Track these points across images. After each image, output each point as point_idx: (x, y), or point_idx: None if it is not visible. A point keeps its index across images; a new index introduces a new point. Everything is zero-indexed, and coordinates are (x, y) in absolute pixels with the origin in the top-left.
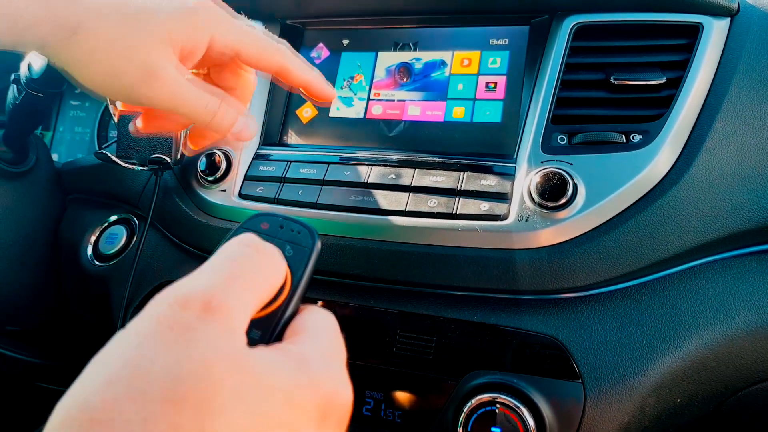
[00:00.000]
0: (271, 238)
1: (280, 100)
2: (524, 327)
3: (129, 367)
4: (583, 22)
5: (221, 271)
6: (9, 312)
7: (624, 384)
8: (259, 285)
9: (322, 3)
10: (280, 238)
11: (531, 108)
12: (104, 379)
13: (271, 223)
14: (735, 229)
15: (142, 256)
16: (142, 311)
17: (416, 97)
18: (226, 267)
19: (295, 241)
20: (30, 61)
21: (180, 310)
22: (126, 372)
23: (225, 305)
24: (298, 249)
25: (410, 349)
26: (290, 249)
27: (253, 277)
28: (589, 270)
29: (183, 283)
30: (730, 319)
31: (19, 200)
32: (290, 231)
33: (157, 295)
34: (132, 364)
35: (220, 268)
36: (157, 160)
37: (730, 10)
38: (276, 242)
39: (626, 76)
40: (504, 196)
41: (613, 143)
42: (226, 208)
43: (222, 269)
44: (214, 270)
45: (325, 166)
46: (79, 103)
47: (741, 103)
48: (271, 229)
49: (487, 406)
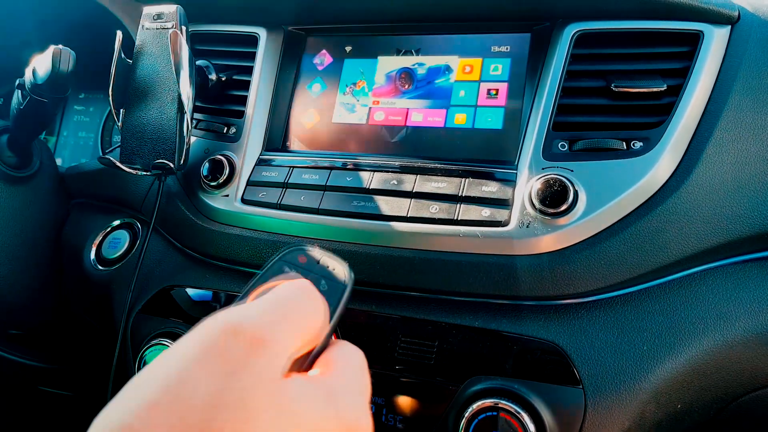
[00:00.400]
0: (307, 273)
1: (283, 106)
2: (525, 333)
3: (172, 392)
4: (585, 29)
5: (274, 308)
6: (12, 315)
7: (624, 390)
8: (305, 327)
9: (325, 10)
10: (317, 273)
11: (532, 115)
12: (145, 401)
13: (309, 258)
14: (735, 235)
15: (144, 260)
16: (192, 332)
17: (418, 103)
18: (280, 306)
19: (330, 276)
20: (35, 67)
21: (231, 339)
22: (168, 397)
23: (273, 342)
24: (332, 285)
25: (412, 354)
26: (325, 284)
27: (300, 319)
28: (589, 276)
29: (235, 312)
30: (730, 325)
31: (23, 204)
32: (326, 267)
33: (209, 319)
34: (175, 389)
35: (274, 306)
36: (161, 166)
37: (731, 18)
38: (312, 277)
39: (627, 83)
40: (505, 203)
41: (614, 150)
42: (229, 213)
43: (275, 307)
44: (267, 306)
45: (327, 172)
46: (83, 108)
47: (741, 111)
48: (308, 264)
49: (488, 412)
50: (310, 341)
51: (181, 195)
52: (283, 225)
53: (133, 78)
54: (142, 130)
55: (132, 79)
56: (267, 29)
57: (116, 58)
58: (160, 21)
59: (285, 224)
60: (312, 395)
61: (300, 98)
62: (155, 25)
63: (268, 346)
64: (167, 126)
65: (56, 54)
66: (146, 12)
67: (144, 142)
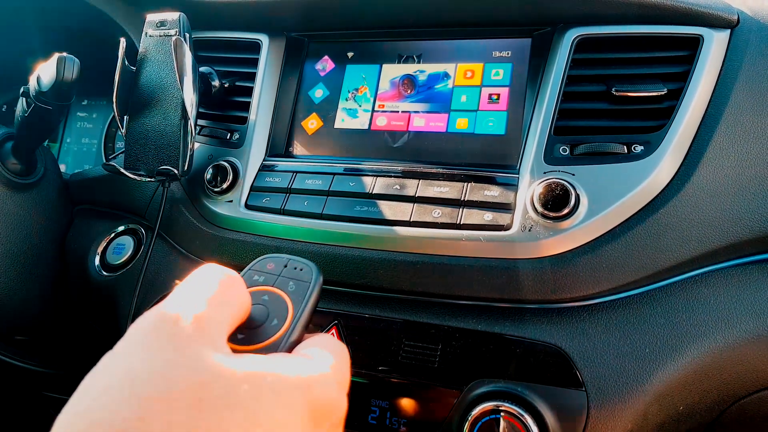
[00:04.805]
0: (275, 277)
1: (285, 112)
2: (528, 336)
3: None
4: (585, 34)
5: (187, 291)
6: (17, 321)
7: (627, 392)
8: (223, 296)
9: (327, 17)
10: (285, 276)
11: (533, 119)
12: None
13: (276, 263)
14: (736, 238)
15: (149, 266)
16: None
17: (420, 108)
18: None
19: (298, 277)
20: (39, 74)
21: (161, 324)
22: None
23: (201, 316)
24: (300, 284)
25: (415, 357)
26: (293, 285)
27: (217, 294)
28: (591, 279)
29: (154, 307)
30: (731, 327)
31: (28, 211)
32: (294, 269)
33: (136, 321)
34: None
35: (186, 290)
36: (165, 172)
37: (730, 23)
38: (280, 280)
39: (627, 87)
40: (507, 207)
41: (615, 154)
42: (233, 219)
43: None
44: (181, 291)
45: (330, 177)
46: (86, 115)
47: (741, 114)
48: (276, 269)
49: (492, 414)
50: (239, 309)
51: (185, 201)
52: (286, 230)
53: (137, 85)
54: (146, 137)
55: (136, 86)
56: (269, 36)
57: (120, 65)
58: (163, 28)
59: (289, 229)
60: (271, 364)
61: (302, 104)
62: (158, 33)
63: (199, 320)
64: (171, 132)
65: (60, 62)
66: (149, 19)
67: (148, 148)
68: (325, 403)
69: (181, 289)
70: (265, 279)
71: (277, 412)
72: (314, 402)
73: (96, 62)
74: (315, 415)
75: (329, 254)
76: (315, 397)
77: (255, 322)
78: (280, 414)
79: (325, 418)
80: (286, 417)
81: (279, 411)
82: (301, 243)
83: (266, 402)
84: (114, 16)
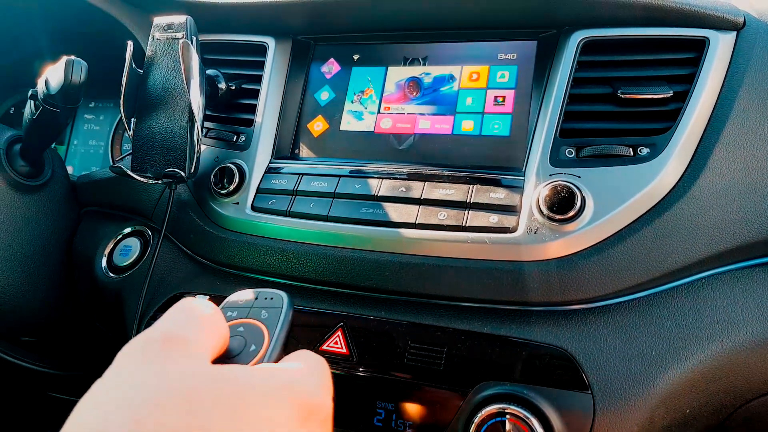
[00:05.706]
0: (248, 309)
1: (291, 114)
2: (533, 338)
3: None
4: (591, 37)
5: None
6: (23, 322)
7: (633, 395)
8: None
9: (333, 19)
10: (256, 306)
11: (539, 121)
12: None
13: (246, 298)
14: (743, 240)
15: (155, 268)
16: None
17: (425, 110)
18: (177, 316)
19: (270, 305)
20: (47, 77)
21: (149, 345)
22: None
23: (185, 337)
24: (272, 311)
25: (421, 360)
26: (265, 313)
27: (201, 320)
28: (597, 282)
29: (141, 334)
30: (738, 330)
31: (36, 213)
32: (264, 299)
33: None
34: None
35: (172, 317)
36: (171, 174)
37: (736, 25)
38: (253, 311)
39: (633, 89)
40: (513, 209)
41: (621, 156)
42: (239, 221)
43: (173, 317)
44: (168, 318)
45: (336, 179)
46: (94, 117)
47: (748, 116)
48: (247, 303)
49: (497, 417)
50: (220, 338)
51: (191, 203)
52: (292, 232)
53: (144, 88)
54: (153, 139)
55: (143, 89)
56: (275, 38)
57: (127, 68)
58: (170, 31)
59: (295, 232)
60: (256, 373)
61: (308, 106)
62: (165, 36)
63: (184, 341)
64: (178, 135)
65: (68, 65)
66: (156, 22)
67: (155, 150)
68: (311, 401)
69: (164, 319)
70: (238, 313)
71: (266, 411)
72: (300, 400)
73: (103, 65)
74: (302, 412)
75: (335, 256)
76: (301, 396)
77: (233, 351)
78: (269, 412)
79: (312, 415)
80: (275, 414)
81: (267, 410)
82: (306, 245)
83: (254, 401)
84: (121, 19)
